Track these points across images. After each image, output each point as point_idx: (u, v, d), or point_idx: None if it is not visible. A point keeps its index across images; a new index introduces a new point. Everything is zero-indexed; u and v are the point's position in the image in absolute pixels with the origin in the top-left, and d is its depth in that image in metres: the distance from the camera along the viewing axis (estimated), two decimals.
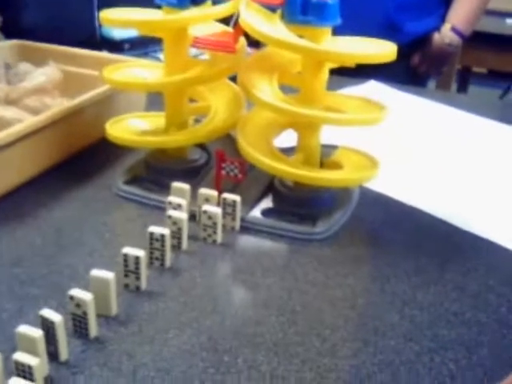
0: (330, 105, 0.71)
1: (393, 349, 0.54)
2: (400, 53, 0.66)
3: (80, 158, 0.84)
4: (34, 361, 0.46)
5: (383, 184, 0.79)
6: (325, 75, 0.69)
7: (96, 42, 1.13)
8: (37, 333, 0.48)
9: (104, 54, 1.02)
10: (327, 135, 0.74)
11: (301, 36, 0.66)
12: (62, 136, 0.81)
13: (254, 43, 0.80)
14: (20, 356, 0.46)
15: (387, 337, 0.55)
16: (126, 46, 1.13)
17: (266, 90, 0.70)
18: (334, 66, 0.69)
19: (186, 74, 0.73)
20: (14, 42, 1.02)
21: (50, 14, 1.15)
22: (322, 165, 0.75)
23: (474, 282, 0.63)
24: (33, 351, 0.47)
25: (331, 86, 0.72)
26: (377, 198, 0.78)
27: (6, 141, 0.71)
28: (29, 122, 0.76)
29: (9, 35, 1.05)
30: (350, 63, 0.67)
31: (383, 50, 0.66)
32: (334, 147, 0.78)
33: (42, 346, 0.48)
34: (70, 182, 0.79)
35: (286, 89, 0.71)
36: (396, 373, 0.51)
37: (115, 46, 1.12)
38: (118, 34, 1.14)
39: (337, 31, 0.68)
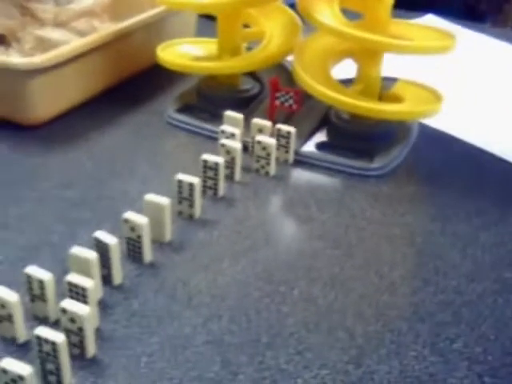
0: (394, 33, 0.67)
1: (454, 289, 0.52)
2: None
3: (131, 84, 0.82)
4: (88, 283, 0.45)
5: (444, 121, 0.76)
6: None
7: None
8: (91, 254, 0.47)
9: None
10: (386, 68, 0.70)
11: None
12: (111, 59, 0.79)
13: None
14: (73, 278, 0.45)
15: (448, 277, 0.53)
16: None
17: (328, 13, 0.66)
18: None
19: None
20: None
21: None
22: (381, 98, 0.72)
23: None
24: (86, 273, 0.47)
25: None
26: (437, 135, 0.75)
27: (56, 61, 0.69)
28: (77, 43, 0.74)
29: None
30: None
31: None
32: (393, 80, 0.74)
33: (96, 269, 0.48)
34: (121, 107, 0.78)
35: (348, 16, 0.67)
36: (457, 312, 0.49)
37: None
38: None
39: None
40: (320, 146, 0.70)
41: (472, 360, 0.45)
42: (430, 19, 1.13)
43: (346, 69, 0.73)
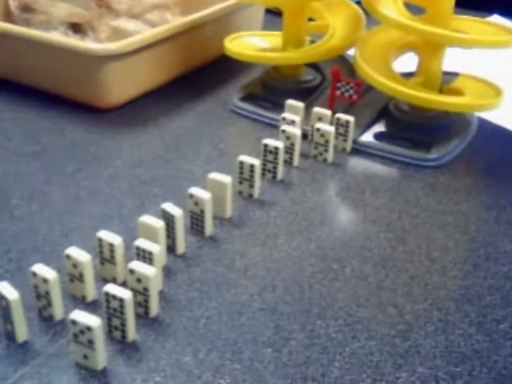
0: (456, 28, 0.68)
1: (504, 274, 0.53)
2: None
3: (199, 73, 0.86)
4: (155, 247, 0.48)
5: (504, 117, 0.76)
6: None
7: None
8: (158, 223, 0.51)
9: None
10: (449, 63, 0.72)
11: None
12: (181, 50, 0.82)
13: None
14: (142, 242, 0.49)
15: (499, 263, 0.54)
16: None
17: (392, 7, 0.68)
18: None
19: None
20: None
21: None
22: (442, 91, 0.73)
23: None
24: (154, 240, 0.50)
25: None
26: (496, 130, 0.76)
27: (130, 48, 0.73)
28: (149, 33, 0.79)
29: None
30: None
31: None
32: (455, 74, 0.75)
33: (162, 236, 0.51)
34: (189, 95, 0.81)
35: (412, 11, 0.69)
36: (506, 297, 0.50)
37: None
38: None
39: None
40: (378, 136, 0.72)
41: None
42: (496, 19, 1.13)
43: (407, 62, 0.75)
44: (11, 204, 0.59)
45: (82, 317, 0.42)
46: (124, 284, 0.49)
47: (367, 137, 0.72)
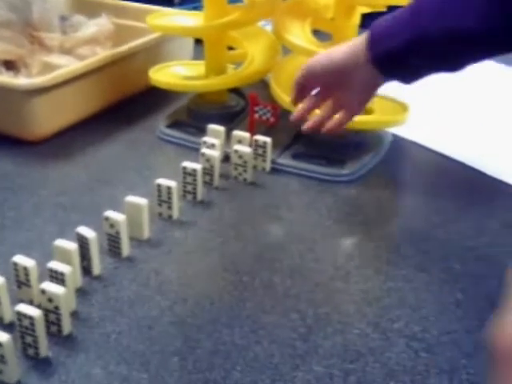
0: None
1: (403, 277, 0.56)
2: None
3: (128, 103, 0.89)
4: (66, 268, 0.51)
5: (418, 132, 0.81)
6: (356, 20, 0.71)
7: None
8: (71, 245, 0.53)
9: (154, 7, 1.05)
10: None
11: None
12: (108, 81, 0.85)
13: None
14: (54, 264, 0.51)
15: (399, 267, 0.58)
16: (177, 0, 1.17)
17: (299, 34, 0.72)
18: (366, 10, 0.71)
19: (223, 19, 0.76)
20: None
21: None
22: None
23: (494, 222, 0.65)
24: (67, 262, 0.53)
25: None
26: (409, 145, 0.80)
27: (55, 82, 0.76)
28: (74, 66, 0.82)
29: None
30: (380, 6, 0.69)
31: None
32: None
33: (75, 258, 0.53)
34: (117, 124, 0.84)
35: (320, 38, 0.73)
36: (402, 298, 0.54)
37: (167, 0, 1.16)
38: None
39: None
40: (296, 156, 0.76)
41: (410, 337, 0.50)
42: None
43: None
44: None
45: None
46: (40, 305, 0.51)
47: (286, 157, 0.75)
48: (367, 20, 0.74)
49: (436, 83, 0.97)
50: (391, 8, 0.68)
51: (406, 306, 0.53)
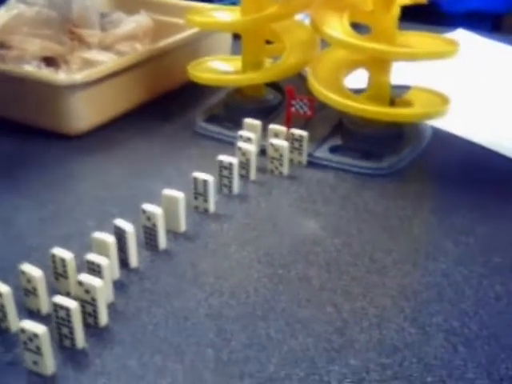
0: (401, 43, 0.72)
1: (442, 272, 0.55)
2: None
3: (166, 99, 0.89)
4: (103, 261, 0.51)
5: (457, 125, 0.79)
6: (396, 12, 0.70)
7: None
8: (109, 238, 0.54)
9: (193, 4, 1.06)
10: (406, 76, 0.75)
11: None
12: (147, 77, 0.86)
13: None
14: (91, 256, 0.52)
15: (438, 261, 0.57)
16: None
17: (337, 27, 0.71)
18: (406, 2, 0.70)
19: (260, 13, 0.76)
20: None
21: None
22: (394, 104, 0.76)
23: None
24: (105, 254, 0.53)
25: None
26: (449, 138, 0.78)
27: (94, 78, 0.77)
28: (113, 62, 0.83)
29: None
30: None
31: None
32: (407, 87, 0.79)
33: (113, 250, 0.54)
34: (154, 120, 0.85)
35: (361, 30, 0.73)
36: (441, 292, 0.53)
37: None
38: None
39: None
40: (333, 149, 0.75)
41: (449, 332, 0.49)
42: (461, 33, 1.16)
43: (360, 79, 0.78)
44: None
45: (29, 325, 0.45)
46: (77, 297, 0.52)
47: (322, 150, 0.75)
48: (407, 12, 0.73)
49: (475, 74, 0.96)
50: (433, 5, 0.67)
51: (444, 300, 0.52)
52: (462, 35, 1.15)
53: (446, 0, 0.88)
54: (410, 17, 0.79)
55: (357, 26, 0.73)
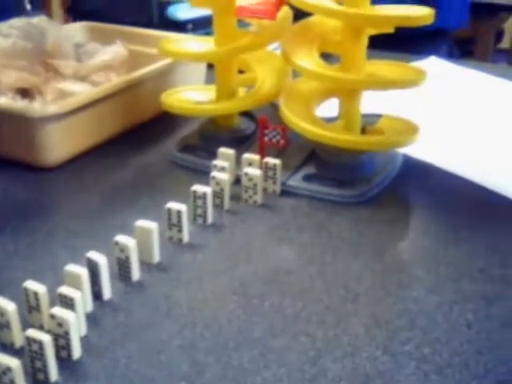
0: (370, 72, 0.73)
1: (413, 299, 0.56)
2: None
3: (141, 129, 0.90)
4: (76, 294, 0.51)
5: (428, 152, 0.81)
6: (364, 42, 0.71)
7: (161, 23, 1.19)
8: (82, 271, 0.54)
9: (167, 33, 1.07)
10: (378, 105, 0.77)
11: (340, 3, 0.69)
12: (121, 107, 0.87)
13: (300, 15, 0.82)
14: (65, 289, 0.52)
15: (409, 288, 0.57)
16: (190, 26, 1.19)
17: (307, 58, 0.73)
18: (373, 32, 0.71)
19: (233, 44, 0.77)
20: (84, 23, 1.10)
21: None
22: (365, 132, 0.77)
23: (506, 242, 0.64)
24: (78, 287, 0.53)
25: None
26: (420, 165, 0.80)
27: (68, 108, 0.77)
28: (87, 93, 0.83)
29: (75, 17, 1.12)
30: (388, 28, 0.69)
31: (420, 13, 0.67)
32: (378, 116, 0.80)
33: (86, 283, 0.54)
34: (130, 150, 0.85)
35: (329, 60, 0.74)
36: (413, 319, 0.53)
37: (180, 27, 1.18)
38: (182, 14, 1.20)
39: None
40: (307, 178, 0.76)
41: (420, 360, 0.49)
42: (432, 61, 1.19)
43: (331, 108, 0.79)
44: None
45: (3, 359, 0.45)
46: (50, 330, 0.51)
47: (296, 179, 0.76)
48: (375, 41, 0.75)
49: (446, 102, 0.98)
50: (398, 29, 0.69)
51: (416, 328, 0.53)
52: (433, 62, 1.18)
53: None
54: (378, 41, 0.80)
55: (327, 56, 0.75)
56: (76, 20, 1.10)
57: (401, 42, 1.19)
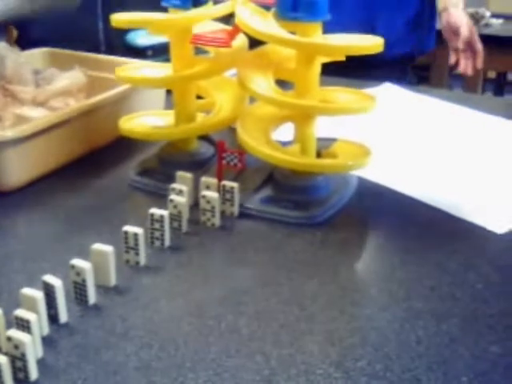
0: (323, 98, 0.76)
1: (367, 317, 0.57)
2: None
3: (99, 153, 0.90)
4: (32, 316, 0.51)
5: (382, 175, 0.83)
6: (317, 69, 0.74)
7: (119, 49, 1.20)
8: (38, 294, 0.54)
9: (125, 59, 1.08)
10: (334, 129, 0.79)
11: (293, 32, 0.71)
12: (79, 132, 0.87)
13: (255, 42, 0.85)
14: (21, 312, 0.52)
15: (363, 307, 0.59)
16: (149, 52, 1.20)
17: (262, 83, 0.75)
18: (325, 60, 0.74)
19: (190, 70, 0.78)
20: (44, 49, 1.10)
21: (59, 26, 1.22)
22: (320, 155, 0.79)
23: (456, 261, 0.66)
24: (34, 310, 0.53)
25: None
26: (374, 187, 0.82)
27: (26, 134, 0.77)
28: (44, 118, 0.83)
29: (24, 47, 1.12)
30: (339, 56, 0.71)
31: (370, 42, 0.70)
32: (333, 140, 0.82)
33: (42, 306, 0.54)
34: (88, 174, 0.85)
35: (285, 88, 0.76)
36: (366, 337, 0.55)
37: (139, 53, 1.19)
38: (141, 41, 1.21)
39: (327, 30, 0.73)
40: (264, 200, 0.77)
41: (372, 376, 0.51)
42: (387, 87, 1.22)
43: (288, 132, 0.81)
44: None
45: None
46: (7, 353, 0.51)
47: (254, 201, 0.77)
48: (327, 68, 0.77)
49: (399, 126, 1.01)
50: (349, 57, 0.71)
51: (368, 344, 0.54)
52: (388, 89, 1.21)
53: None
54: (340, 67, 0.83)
55: (282, 83, 0.77)
56: (25, 50, 1.10)
57: (367, 69, 1.22)
